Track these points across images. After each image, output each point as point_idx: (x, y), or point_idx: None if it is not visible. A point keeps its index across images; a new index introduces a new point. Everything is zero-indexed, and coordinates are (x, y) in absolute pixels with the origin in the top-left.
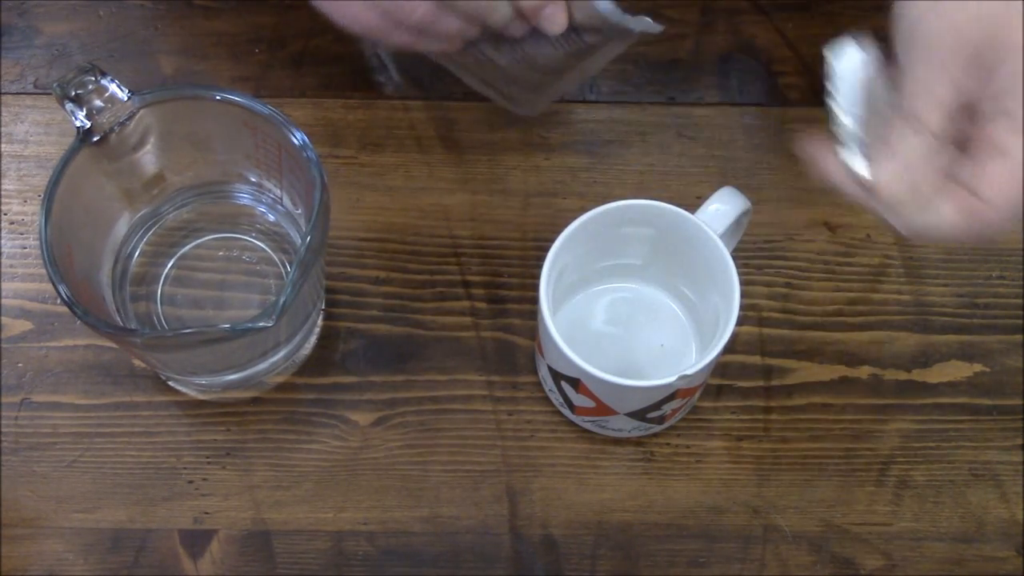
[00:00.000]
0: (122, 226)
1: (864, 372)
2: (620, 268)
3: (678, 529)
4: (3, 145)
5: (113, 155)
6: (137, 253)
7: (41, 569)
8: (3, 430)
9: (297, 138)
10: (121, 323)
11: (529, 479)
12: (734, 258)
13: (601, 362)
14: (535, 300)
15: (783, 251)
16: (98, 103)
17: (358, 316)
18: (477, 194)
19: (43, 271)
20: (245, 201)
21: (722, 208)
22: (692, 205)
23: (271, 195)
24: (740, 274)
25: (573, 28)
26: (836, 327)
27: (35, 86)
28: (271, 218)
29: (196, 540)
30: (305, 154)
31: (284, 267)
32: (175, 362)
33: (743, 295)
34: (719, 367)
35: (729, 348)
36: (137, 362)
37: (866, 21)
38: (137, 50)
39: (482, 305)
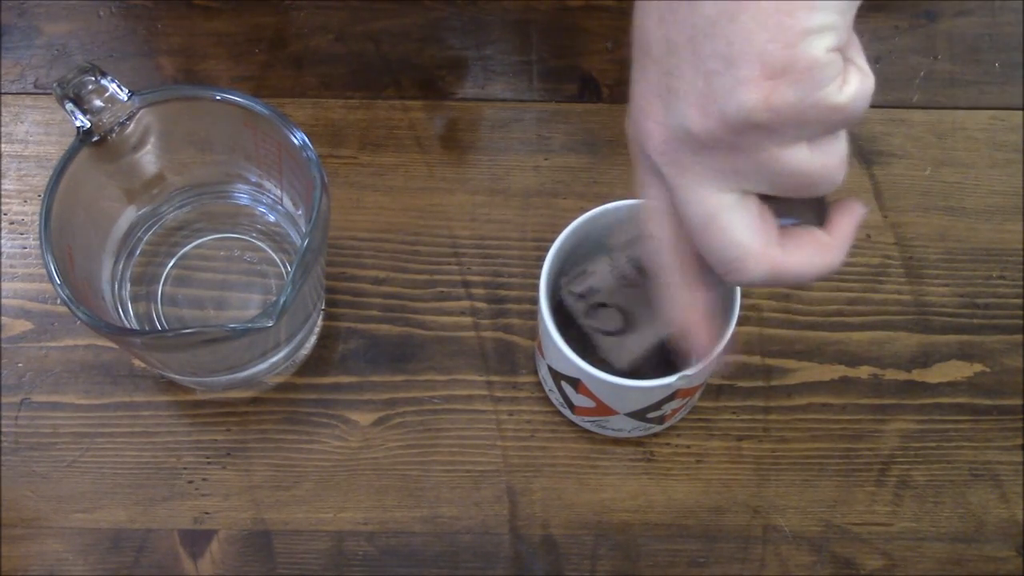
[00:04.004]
0: (122, 226)
1: (864, 372)
2: None
3: (678, 529)
4: (3, 145)
5: (113, 155)
6: (137, 253)
7: (41, 569)
8: (3, 430)
9: (297, 138)
10: (121, 323)
11: (529, 479)
12: None
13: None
14: (535, 300)
15: None
16: (98, 103)
17: (358, 316)
18: (477, 194)
19: (43, 271)
20: (245, 201)
21: None
22: None
23: (271, 195)
24: None
25: None
26: (836, 327)
27: (35, 86)
28: (271, 218)
29: (196, 540)
30: (305, 154)
31: (284, 267)
32: (175, 362)
33: (743, 295)
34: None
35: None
36: (137, 362)
37: (865, 21)
38: (137, 50)
39: (482, 305)
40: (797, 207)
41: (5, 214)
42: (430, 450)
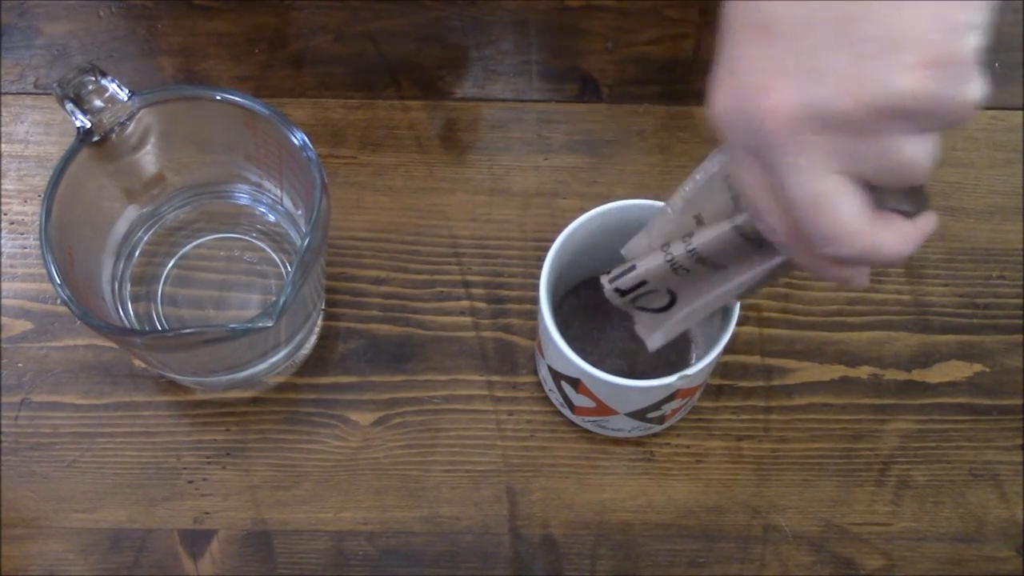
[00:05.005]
0: (122, 226)
1: (864, 372)
2: None
3: (678, 529)
4: (3, 145)
5: (113, 155)
6: (137, 253)
7: (41, 569)
8: (3, 430)
9: (297, 138)
10: (121, 323)
11: (529, 479)
12: None
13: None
14: (535, 300)
15: None
16: (98, 103)
17: (358, 316)
18: (477, 194)
19: (43, 271)
20: (245, 201)
21: None
22: None
23: (271, 195)
24: None
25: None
26: (836, 327)
27: (35, 86)
28: (271, 218)
29: (196, 540)
30: (305, 154)
31: (284, 267)
32: (175, 362)
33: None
34: (719, 367)
35: (729, 348)
36: (137, 362)
37: None
38: (137, 50)
39: (482, 305)
40: (902, 199)
41: (5, 214)
42: (430, 450)
